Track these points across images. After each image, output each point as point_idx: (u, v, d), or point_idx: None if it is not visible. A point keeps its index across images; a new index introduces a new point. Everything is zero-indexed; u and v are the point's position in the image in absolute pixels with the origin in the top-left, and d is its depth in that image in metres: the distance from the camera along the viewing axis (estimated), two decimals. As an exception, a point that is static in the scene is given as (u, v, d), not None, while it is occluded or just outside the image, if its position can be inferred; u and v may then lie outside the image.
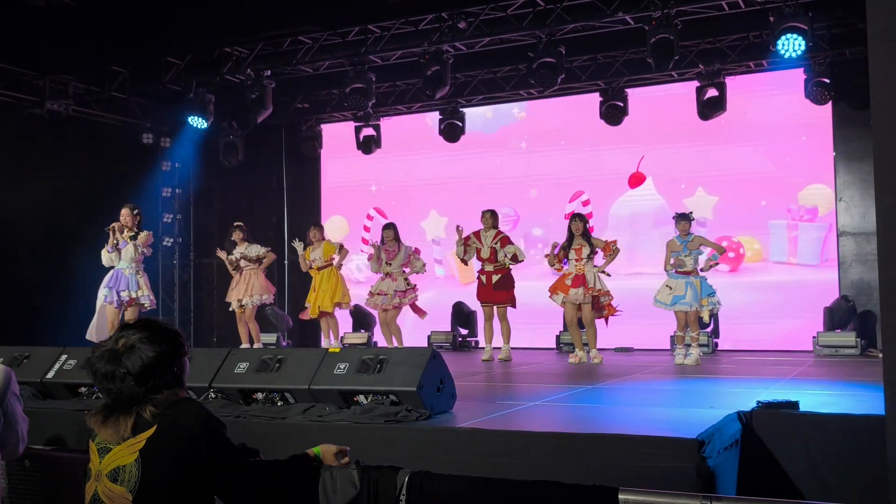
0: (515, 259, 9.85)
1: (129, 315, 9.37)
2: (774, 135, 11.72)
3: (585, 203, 12.74)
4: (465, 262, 10.25)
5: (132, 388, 2.67)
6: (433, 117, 13.56)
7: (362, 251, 13.57)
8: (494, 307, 9.94)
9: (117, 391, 2.68)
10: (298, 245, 10.62)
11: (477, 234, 10.04)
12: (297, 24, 11.22)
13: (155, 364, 2.70)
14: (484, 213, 10.08)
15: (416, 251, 10.42)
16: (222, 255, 10.78)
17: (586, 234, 9.53)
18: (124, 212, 9.59)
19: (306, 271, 10.82)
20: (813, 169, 11.53)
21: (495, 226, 10.02)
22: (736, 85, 11.58)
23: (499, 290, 9.85)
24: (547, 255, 9.81)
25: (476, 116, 13.46)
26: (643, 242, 12.06)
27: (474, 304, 12.78)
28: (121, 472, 2.64)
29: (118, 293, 9.33)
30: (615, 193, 12.69)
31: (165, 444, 2.64)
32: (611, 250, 9.41)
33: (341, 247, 10.74)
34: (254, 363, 5.49)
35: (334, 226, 14.28)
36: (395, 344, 10.24)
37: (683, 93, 11.89)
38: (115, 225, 9.52)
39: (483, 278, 9.98)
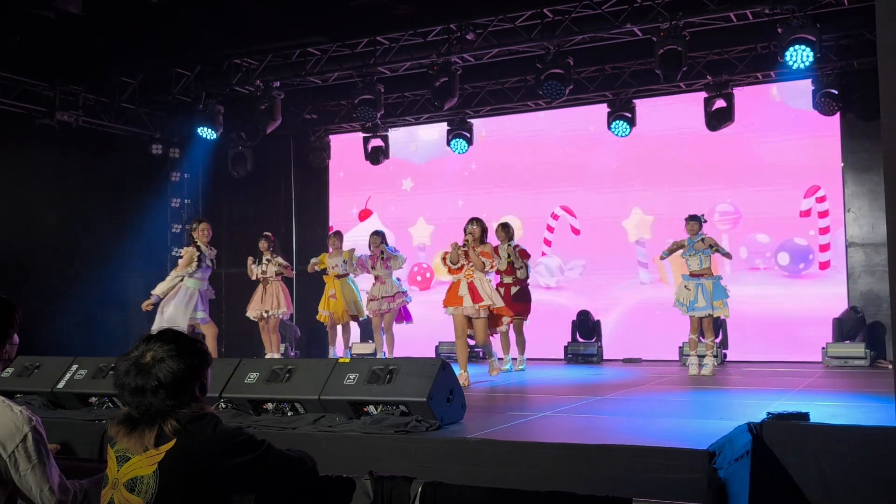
0: (524, 271, 9.89)
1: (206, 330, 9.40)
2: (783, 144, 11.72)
3: (821, 200, 11.45)
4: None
5: (163, 401, 2.67)
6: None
7: (544, 254, 12.84)
8: (512, 319, 9.83)
9: (147, 405, 2.68)
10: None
11: (495, 248, 9.96)
12: (307, 35, 11.26)
13: (185, 377, 2.70)
14: (497, 226, 9.99)
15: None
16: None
17: (483, 241, 8.51)
18: (206, 226, 9.45)
19: (312, 272, 10.88)
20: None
21: (511, 238, 10.00)
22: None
23: (517, 302, 9.78)
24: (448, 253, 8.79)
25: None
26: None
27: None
28: (138, 483, 2.65)
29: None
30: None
31: (184, 459, 2.64)
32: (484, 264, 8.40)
33: (352, 252, 10.85)
34: (264, 373, 5.50)
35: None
36: (385, 349, 10.51)
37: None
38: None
39: (501, 290, 9.77)
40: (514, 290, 9.87)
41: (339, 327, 10.94)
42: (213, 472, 2.65)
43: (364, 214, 14.21)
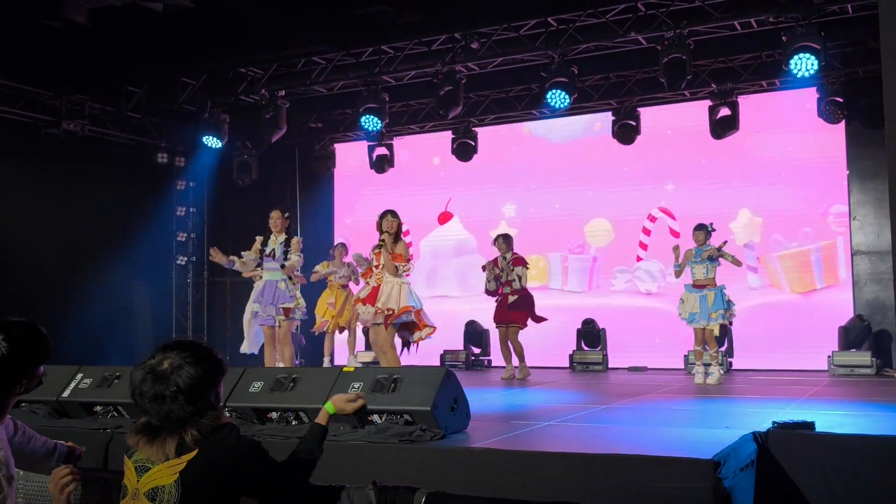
0: (518, 281, 9.94)
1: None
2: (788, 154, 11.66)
3: None
4: (493, 293, 10.24)
5: (182, 407, 2.70)
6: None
7: (640, 258, 12.26)
8: (507, 328, 9.96)
9: (166, 411, 2.71)
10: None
11: (495, 260, 10.13)
12: (312, 44, 11.31)
13: (202, 383, 2.73)
14: (498, 237, 10.28)
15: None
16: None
17: (398, 239, 7.67)
18: (274, 213, 8.97)
19: (315, 281, 10.86)
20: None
21: (510, 249, 10.16)
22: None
23: (513, 311, 9.97)
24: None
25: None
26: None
27: (486, 323, 12.80)
28: (159, 493, 2.67)
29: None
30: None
31: (206, 468, 2.67)
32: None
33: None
34: (268, 382, 5.49)
35: (599, 228, 12.65)
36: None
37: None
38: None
39: (500, 300, 10.13)
40: (511, 298, 10.00)
41: (345, 333, 10.99)
42: (233, 479, 2.71)
43: (444, 217, 13.77)
